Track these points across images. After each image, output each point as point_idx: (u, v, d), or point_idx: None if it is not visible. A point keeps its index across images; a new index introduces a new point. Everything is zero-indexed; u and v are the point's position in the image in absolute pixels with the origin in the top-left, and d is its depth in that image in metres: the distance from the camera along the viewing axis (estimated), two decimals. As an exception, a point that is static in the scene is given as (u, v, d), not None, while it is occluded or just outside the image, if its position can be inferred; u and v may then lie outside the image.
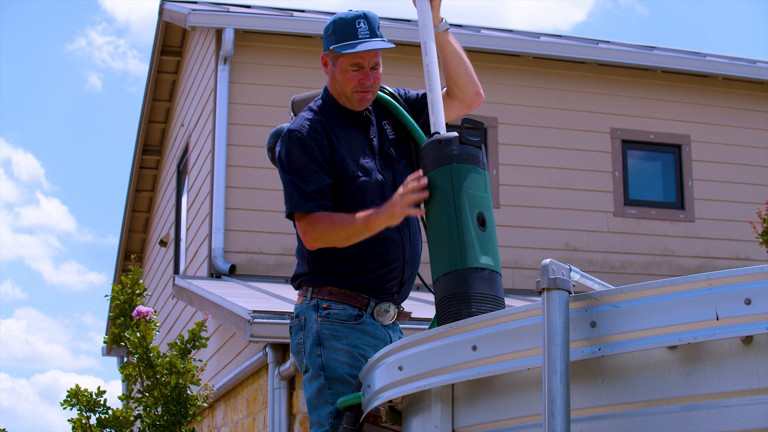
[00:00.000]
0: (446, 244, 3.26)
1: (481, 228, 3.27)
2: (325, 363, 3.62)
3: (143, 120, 14.35)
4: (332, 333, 3.64)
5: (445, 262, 3.24)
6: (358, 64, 3.70)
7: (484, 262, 3.23)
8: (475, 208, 3.29)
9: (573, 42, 11.94)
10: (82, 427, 5.71)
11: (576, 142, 11.44)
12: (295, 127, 3.71)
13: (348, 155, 3.71)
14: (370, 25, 3.72)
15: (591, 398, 2.55)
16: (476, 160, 3.37)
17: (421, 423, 2.99)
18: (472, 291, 3.18)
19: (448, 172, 3.32)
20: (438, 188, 3.33)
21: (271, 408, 7.70)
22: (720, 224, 11.66)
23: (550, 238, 11.11)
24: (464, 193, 3.29)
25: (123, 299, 5.97)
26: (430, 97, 3.59)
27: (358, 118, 3.81)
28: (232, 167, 10.54)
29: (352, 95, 3.73)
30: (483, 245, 3.26)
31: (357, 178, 3.70)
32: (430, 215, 3.36)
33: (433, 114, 3.57)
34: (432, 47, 3.66)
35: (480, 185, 3.35)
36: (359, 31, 3.69)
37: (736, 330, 2.29)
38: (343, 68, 3.71)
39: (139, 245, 16.25)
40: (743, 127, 11.98)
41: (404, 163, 3.84)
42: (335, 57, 3.73)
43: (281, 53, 10.89)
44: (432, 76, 3.62)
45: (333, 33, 3.71)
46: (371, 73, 3.72)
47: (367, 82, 3.72)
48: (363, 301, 3.68)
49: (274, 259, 10.42)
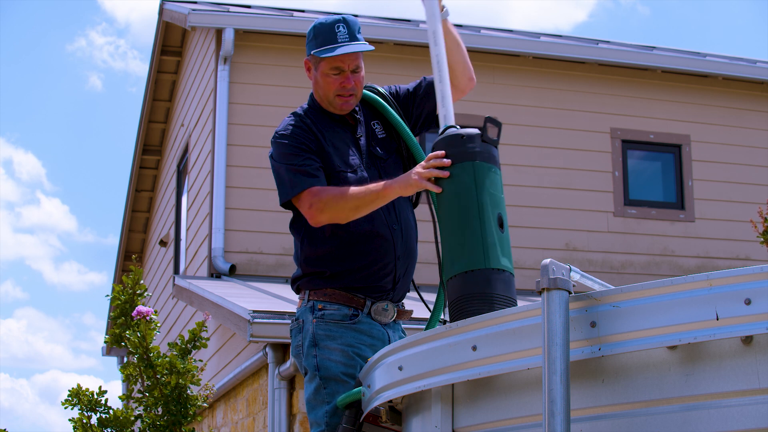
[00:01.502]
0: (467, 243, 3.21)
1: (500, 229, 3.25)
2: (320, 363, 3.64)
3: (143, 120, 14.35)
4: (327, 333, 3.66)
5: (464, 260, 3.20)
6: (339, 68, 3.74)
7: (504, 264, 3.21)
8: (495, 208, 3.26)
9: (573, 42, 11.94)
10: (82, 427, 5.71)
11: (576, 142, 11.44)
12: (281, 128, 3.78)
13: (334, 152, 3.75)
14: (349, 29, 3.75)
15: (591, 398, 2.55)
16: (495, 159, 3.34)
17: (421, 423, 2.99)
18: (495, 292, 3.16)
19: (471, 169, 3.28)
20: (460, 184, 3.28)
21: (271, 408, 7.71)
22: (720, 224, 11.66)
23: (550, 238, 11.11)
24: (486, 193, 3.26)
25: (124, 299, 5.97)
26: (440, 89, 3.55)
27: (343, 119, 3.84)
28: (232, 167, 10.54)
29: (334, 99, 3.78)
30: (503, 247, 3.23)
31: (343, 173, 3.72)
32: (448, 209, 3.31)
33: (443, 106, 3.54)
34: (441, 37, 3.62)
35: (499, 185, 3.32)
36: (338, 36, 3.73)
37: (736, 330, 2.29)
38: (324, 72, 3.76)
39: (139, 245, 16.25)
40: (743, 127, 11.99)
41: (392, 160, 3.85)
42: (316, 62, 3.79)
43: (281, 53, 10.89)
44: (442, 66, 3.58)
45: (314, 38, 3.77)
46: (352, 77, 3.76)
47: (348, 85, 3.76)
48: (359, 301, 3.69)
49: (274, 259, 10.42)
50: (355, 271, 3.69)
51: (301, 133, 3.74)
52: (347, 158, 3.76)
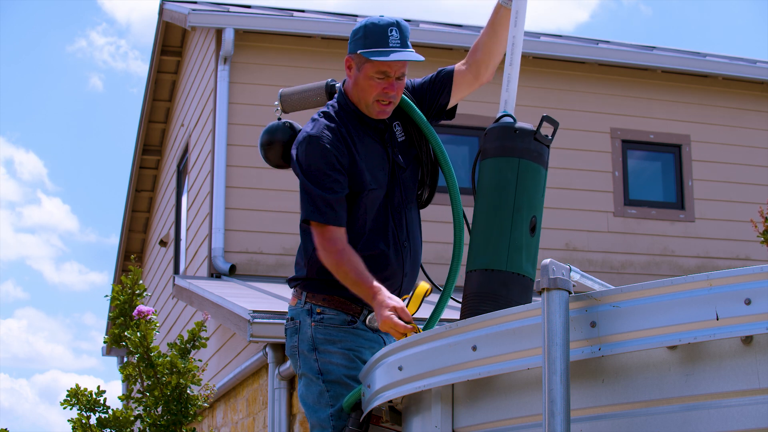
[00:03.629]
0: (494, 240, 3.18)
1: (531, 233, 3.21)
2: (322, 367, 3.62)
3: (143, 120, 14.35)
4: (326, 337, 3.64)
5: (488, 257, 3.17)
6: (385, 73, 3.60)
7: (526, 269, 3.18)
8: (531, 211, 3.21)
9: (573, 42, 11.94)
10: (82, 427, 5.71)
11: (576, 142, 11.44)
12: (316, 133, 3.62)
13: (366, 168, 3.64)
14: (402, 34, 3.62)
15: (591, 398, 2.55)
16: (544, 160, 3.29)
17: (421, 423, 2.99)
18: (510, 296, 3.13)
19: (516, 166, 3.22)
20: (501, 179, 3.23)
21: (271, 408, 7.71)
22: (720, 224, 11.66)
23: (550, 238, 11.11)
24: (526, 194, 3.21)
25: (123, 299, 5.97)
26: (507, 72, 3.45)
27: (375, 125, 3.73)
28: (232, 167, 10.54)
29: (372, 104, 3.65)
30: (529, 252, 3.20)
31: (373, 191, 3.65)
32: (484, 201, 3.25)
33: (507, 90, 3.44)
34: (523, 18, 3.51)
35: (541, 188, 3.27)
36: (390, 40, 3.59)
37: (736, 330, 2.29)
38: (368, 75, 3.61)
39: (139, 245, 16.25)
40: (743, 127, 11.98)
41: (410, 170, 3.76)
42: (362, 62, 3.62)
43: (281, 53, 10.89)
44: (516, 49, 3.47)
45: (363, 37, 3.61)
46: (396, 84, 3.62)
47: (391, 92, 3.62)
48: (356, 309, 3.67)
49: (274, 259, 10.42)
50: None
51: (335, 143, 3.59)
52: (377, 173, 3.67)
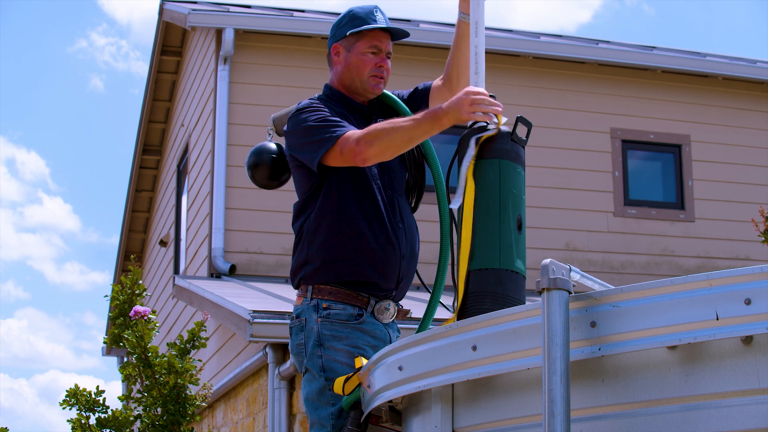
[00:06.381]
0: (484, 240, 3.21)
1: (518, 231, 3.25)
2: (325, 364, 3.61)
3: (143, 120, 14.35)
4: (333, 334, 3.63)
5: (480, 258, 3.21)
6: (377, 47, 3.78)
7: (517, 266, 3.22)
8: (516, 209, 3.26)
9: (573, 42, 11.94)
10: (81, 427, 5.71)
11: (576, 142, 11.44)
12: (303, 104, 3.76)
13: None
14: (384, 16, 3.83)
15: (591, 398, 2.55)
16: (521, 160, 3.34)
17: (421, 423, 2.99)
18: (506, 293, 3.17)
19: (497, 167, 3.27)
20: (484, 180, 3.27)
21: (271, 408, 7.71)
22: (720, 224, 11.66)
23: (550, 238, 11.11)
24: (509, 193, 3.26)
25: (122, 299, 5.98)
26: (474, 80, 3.52)
27: (362, 110, 3.84)
28: (232, 167, 10.54)
29: (368, 79, 3.79)
30: (518, 249, 3.24)
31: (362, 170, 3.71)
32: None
33: None
34: (482, 27, 3.58)
35: (522, 186, 3.32)
36: (377, 19, 3.80)
37: (736, 330, 2.28)
38: (361, 51, 3.78)
39: (139, 245, 16.25)
40: (743, 127, 11.98)
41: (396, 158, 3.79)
42: (352, 42, 3.80)
43: (281, 53, 10.89)
44: (479, 58, 3.53)
45: (350, 20, 3.80)
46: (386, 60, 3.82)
47: (384, 65, 3.81)
48: (363, 300, 3.68)
49: (274, 259, 10.42)
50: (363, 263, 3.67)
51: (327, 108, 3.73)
52: None
